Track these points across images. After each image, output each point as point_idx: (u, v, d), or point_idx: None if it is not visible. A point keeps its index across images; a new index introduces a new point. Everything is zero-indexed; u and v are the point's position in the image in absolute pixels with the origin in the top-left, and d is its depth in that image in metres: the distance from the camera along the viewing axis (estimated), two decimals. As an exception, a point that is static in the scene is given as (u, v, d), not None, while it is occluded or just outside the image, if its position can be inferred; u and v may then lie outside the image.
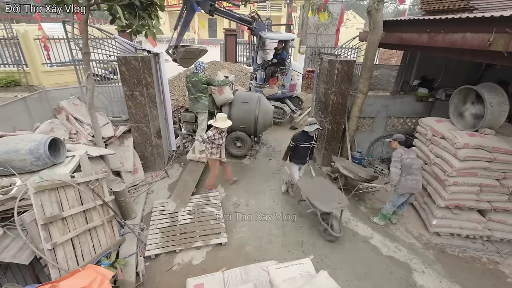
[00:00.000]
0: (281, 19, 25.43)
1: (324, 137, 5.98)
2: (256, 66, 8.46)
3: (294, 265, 2.67)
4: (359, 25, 16.64)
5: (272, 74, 8.23)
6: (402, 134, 5.92)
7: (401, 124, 6.41)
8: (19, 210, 2.73)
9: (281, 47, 8.13)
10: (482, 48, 3.17)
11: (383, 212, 4.50)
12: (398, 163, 4.05)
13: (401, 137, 4.27)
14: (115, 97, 5.66)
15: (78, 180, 3.17)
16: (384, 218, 4.54)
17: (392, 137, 4.33)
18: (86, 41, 3.91)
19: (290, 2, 13.70)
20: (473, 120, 4.37)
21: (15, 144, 3.24)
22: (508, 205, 4.13)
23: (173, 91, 9.14)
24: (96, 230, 3.28)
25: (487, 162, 3.97)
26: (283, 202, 5.04)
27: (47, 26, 9.58)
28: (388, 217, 4.53)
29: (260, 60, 8.59)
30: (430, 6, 5.09)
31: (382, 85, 6.83)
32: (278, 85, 8.25)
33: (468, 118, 4.43)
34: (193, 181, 5.17)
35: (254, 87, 8.36)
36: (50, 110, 5.31)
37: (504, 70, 5.12)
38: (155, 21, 3.95)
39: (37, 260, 2.85)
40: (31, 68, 8.76)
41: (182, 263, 3.70)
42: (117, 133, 5.15)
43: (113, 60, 5.35)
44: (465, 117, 4.48)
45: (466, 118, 4.46)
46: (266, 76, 8.25)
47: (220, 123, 4.50)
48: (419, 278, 3.62)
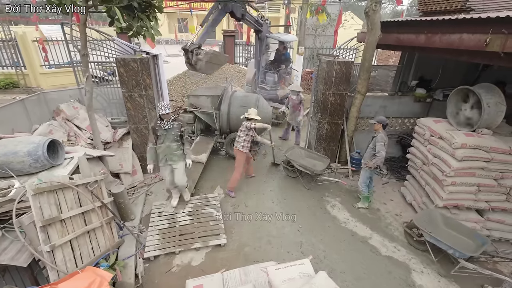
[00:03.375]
0: (279, 20, 25.49)
1: (323, 137, 5.99)
2: (264, 69, 8.48)
3: (293, 265, 2.67)
4: (357, 26, 16.68)
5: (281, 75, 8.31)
6: (401, 133, 5.95)
7: (399, 124, 6.43)
8: (18, 212, 2.72)
9: (283, 48, 8.19)
10: (478, 48, 3.20)
11: (364, 195, 4.83)
12: (383, 146, 4.32)
13: (385, 120, 4.48)
14: (113, 99, 5.66)
15: (77, 182, 3.16)
16: (366, 200, 4.88)
17: (375, 118, 4.52)
18: (84, 42, 3.91)
19: (288, 3, 13.74)
20: (470, 120, 4.39)
21: (14, 146, 3.24)
22: (506, 205, 4.15)
23: (172, 92, 9.13)
24: (95, 232, 3.27)
25: (485, 162, 3.99)
26: (283, 203, 5.05)
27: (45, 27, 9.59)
28: (369, 197, 4.87)
29: (264, 63, 8.61)
30: (427, 7, 5.12)
31: (380, 86, 6.84)
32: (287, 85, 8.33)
33: (466, 118, 4.45)
34: (192, 182, 5.17)
35: (268, 91, 8.32)
36: (49, 112, 5.30)
37: (501, 71, 5.15)
38: (154, 22, 3.97)
39: (35, 262, 2.85)
40: (29, 70, 8.76)
41: (181, 265, 3.69)
42: (116, 137, 5.14)
43: (111, 61, 5.36)
44: (463, 117, 4.50)
45: (463, 118, 4.49)
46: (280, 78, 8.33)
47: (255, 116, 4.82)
48: (418, 278, 3.63)
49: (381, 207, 5.04)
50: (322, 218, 4.72)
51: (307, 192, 5.38)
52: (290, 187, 5.54)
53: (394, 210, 4.97)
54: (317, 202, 5.12)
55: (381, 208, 5.02)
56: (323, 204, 5.06)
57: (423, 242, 3.90)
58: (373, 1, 4.85)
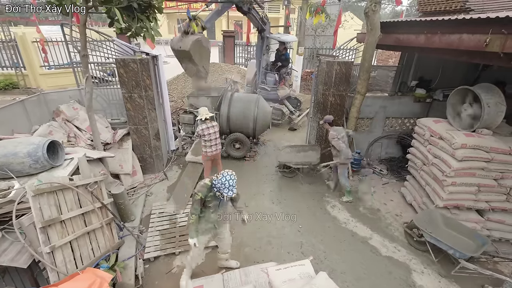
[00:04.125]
0: (279, 20, 25.49)
1: (323, 138, 5.99)
2: (265, 69, 8.49)
3: (293, 266, 2.67)
4: (357, 27, 16.71)
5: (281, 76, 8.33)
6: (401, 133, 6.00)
7: (399, 124, 6.43)
8: (18, 213, 2.72)
9: (283, 48, 8.21)
10: (478, 49, 3.20)
11: (347, 189, 5.07)
12: (338, 140, 4.76)
13: (330, 118, 5.04)
14: (113, 99, 5.66)
15: (77, 183, 3.16)
16: (350, 193, 5.11)
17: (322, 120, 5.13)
18: (84, 43, 3.91)
19: (288, 4, 13.75)
20: (470, 120, 4.39)
21: (13, 147, 3.23)
22: (506, 205, 4.14)
23: (172, 93, 9.12)
24: (95, 232, 3.27)
25: (485, 162, 3.99)
26: (283, 203, 5.04)
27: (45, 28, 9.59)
28: (350, 189, 5.11)
29: (265, 63, 8.63)
30: (427, 8, 5.12)
31: (380, 86, 6.85)
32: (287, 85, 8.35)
33: (466, 119, 4.46)
34: (192, 183, 5.16)
35: (268, 91, 8.30)
36: (49, 112, 5.30)
37: (501, 71, 5.16)
38: (154, 23, 3.96)
39: (35, 263, 2.84)
40: (29, 71, 8.76)
41: (181, 265, 3.68)
42: (116, 138, 5.14)
43: (111, 62, 5.36)
44: (463, 117, 4.50)
45: (463, 118, 4.49)
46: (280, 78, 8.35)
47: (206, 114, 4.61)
48: (418, 278, 3.62)
49: (381, 208, 5.03)
50: (322, 218, 4.72)
51: (307, 193, 5.38)
52: (290, 188, 5.54)
53: (394, 211, 4.96)
54: (317, 202, 5.12)
55: (381, 208, 5.02)
56: (323, 205, 5.06)
57: (424, 243, 3.90)
58: (372, 1, 4.85)
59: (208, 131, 4.62)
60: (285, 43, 8.51)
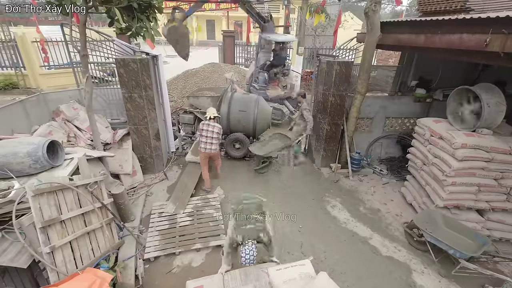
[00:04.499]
0: (279, 20, 25.51)
1: (323, 138, 5.99)
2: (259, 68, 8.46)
3: (293, 266, 2.66)
4: (356, 27, 16.73)
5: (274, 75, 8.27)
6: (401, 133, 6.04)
7: (399, 124, 6.43)
8: (17, 213, 2.71)
9: (279, 48, 8.17)
10: (478, 48, 3.20)
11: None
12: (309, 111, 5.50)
13: (303, 91, 5.92)
14: (113, 99, 5.66)
15: (77, 183, 3.16)
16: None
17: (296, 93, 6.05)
18: (84, 43, 3.91)
19: (288, 4, 13.76)
20: (470, 120, 4.39)
21: (13, 147, 3.23)
22: (507, 205, 4.14)
23: (172, 93, 9.12)
24: (95, 233, 3.26)
25: (485, 162, 3.99)
26: (283, 203, 5.04)
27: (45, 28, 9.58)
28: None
29: (263, 62, 8.60)
30: (427, 8, 5.12)
31: (380, 86, 6.86)
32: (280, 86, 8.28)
33: (466, 118, 4.46)
34: (192, 183, 5.16)
35: (257, 90, 8.25)
36: (49, 113, 5.30)
37: (501, 71, 5.16)
38: (153, 23, 3.96)
39: (35, 263, 2.84)
40: (29, 71, 8.75)
41: (181, 266, 3.69)
42: (116, 138, 5.13)
43: (111, 62, 5.35)
44: (463, 117, 4.50)
45: (463, 118, 4.49)
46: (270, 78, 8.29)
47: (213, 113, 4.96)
48: (419, 278, 3.62)
49: (381, 208, 5.03)
50: (322, 218, 4.71)
51: (307, 193, 5.38)
52: (289, 188, 5.53)
53: (395, 211, 4.96)
54: (317, 202, 5.11)
55: (382, 208, 5.02)
56: (323, 205, 5.06)
57: (424, 242, 3.89)
58: (372, 1, 4.85)
59: (206, 128, 4.84)
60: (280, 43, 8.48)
